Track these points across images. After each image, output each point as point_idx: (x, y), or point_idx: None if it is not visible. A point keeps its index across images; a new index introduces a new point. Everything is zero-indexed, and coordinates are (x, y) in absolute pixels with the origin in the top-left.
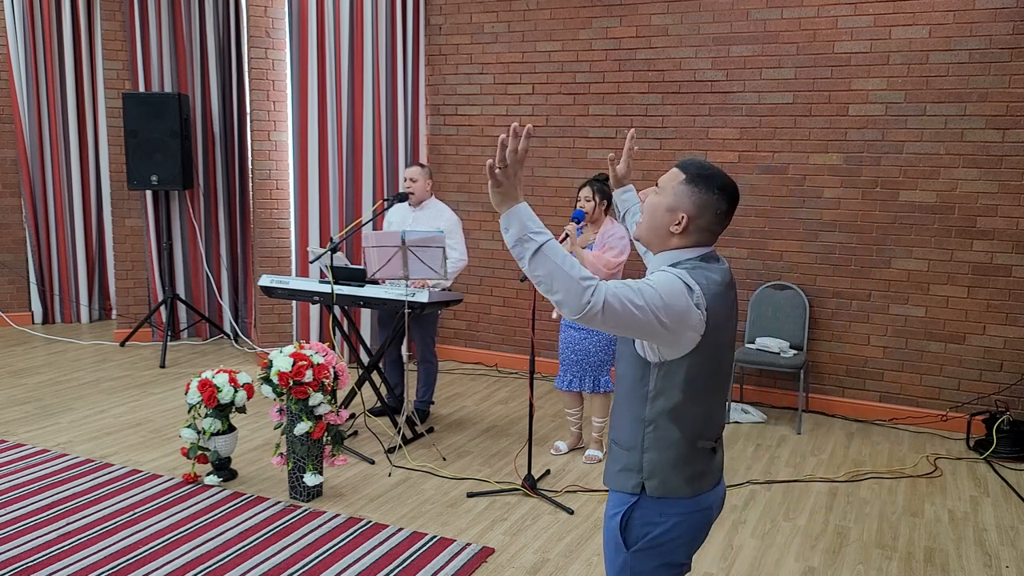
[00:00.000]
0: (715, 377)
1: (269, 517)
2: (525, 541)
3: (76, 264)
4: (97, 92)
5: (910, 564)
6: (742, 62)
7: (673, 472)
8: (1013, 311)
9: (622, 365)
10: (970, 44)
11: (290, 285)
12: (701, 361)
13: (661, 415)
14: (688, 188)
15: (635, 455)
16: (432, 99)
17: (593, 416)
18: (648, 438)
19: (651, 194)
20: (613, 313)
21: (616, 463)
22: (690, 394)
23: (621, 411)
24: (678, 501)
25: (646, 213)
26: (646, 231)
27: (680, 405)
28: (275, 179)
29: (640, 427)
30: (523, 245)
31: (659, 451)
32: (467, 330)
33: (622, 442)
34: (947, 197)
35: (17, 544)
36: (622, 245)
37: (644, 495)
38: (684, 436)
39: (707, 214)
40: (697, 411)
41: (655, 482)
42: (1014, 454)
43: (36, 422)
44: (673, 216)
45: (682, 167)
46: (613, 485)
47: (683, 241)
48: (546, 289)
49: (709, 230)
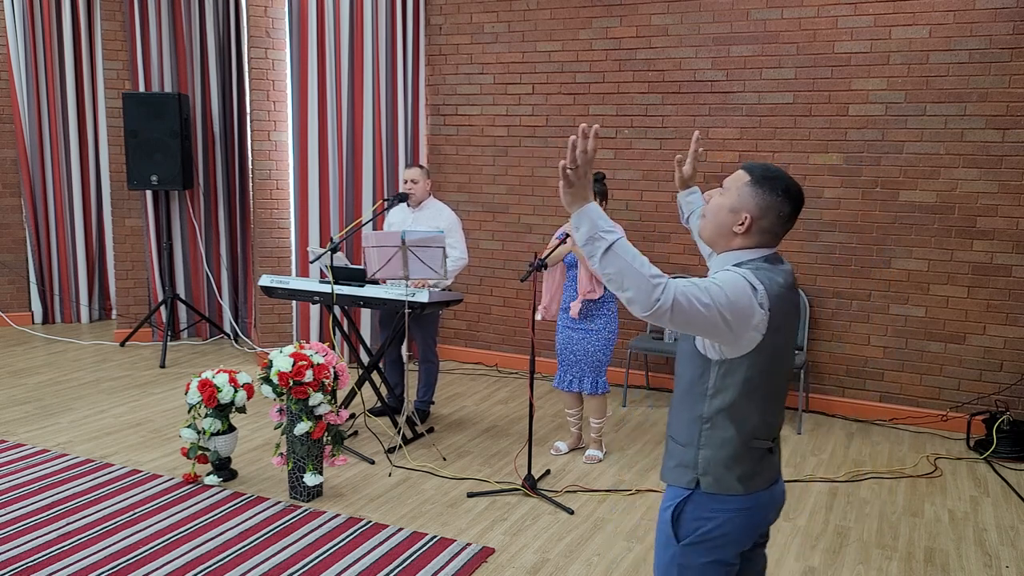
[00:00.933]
0: (773, 378)
1: (269, 517)
2: (525, 541)
3: (76, 264)
4: (97, 92)
5: (910, 564)
6: (742, 62)
7: (727, 469)
8: (1013, 311)
9: (681, 363)
10: (970, 44)
11: (290, 285)
12: (760, 361)
13: (718, 413)
14: (753, 189)
15: (691, 451)
16: (432, 99)
17: (591, 417)
18: (704, 435)
19: (716, 195)
20: (681, 311)
21: (672, 458)
22: (747, 393)
23: (679, 408)
24: (731, 498)
25: (710, 213)
26: (710, 231)
27: (737, 404)
28: (275, 179)
29: (697, 424)
30: (594, 243)
31: (714, 448)
32: (467, 330)
33: (679, 438)
34: (947, 197)
35: (17, 544)
36: None
37: (698, 490)
38: (739, 435)
39: (770, 215)
40: (753, 411)
41: (709, 479)
42: (1014, 454)
43: (36, 422)
44: (736, 216)
45: (747, 169)
46: (669, 480)
47: (746, 242)
48: (617, 287)
49: (772, 232)
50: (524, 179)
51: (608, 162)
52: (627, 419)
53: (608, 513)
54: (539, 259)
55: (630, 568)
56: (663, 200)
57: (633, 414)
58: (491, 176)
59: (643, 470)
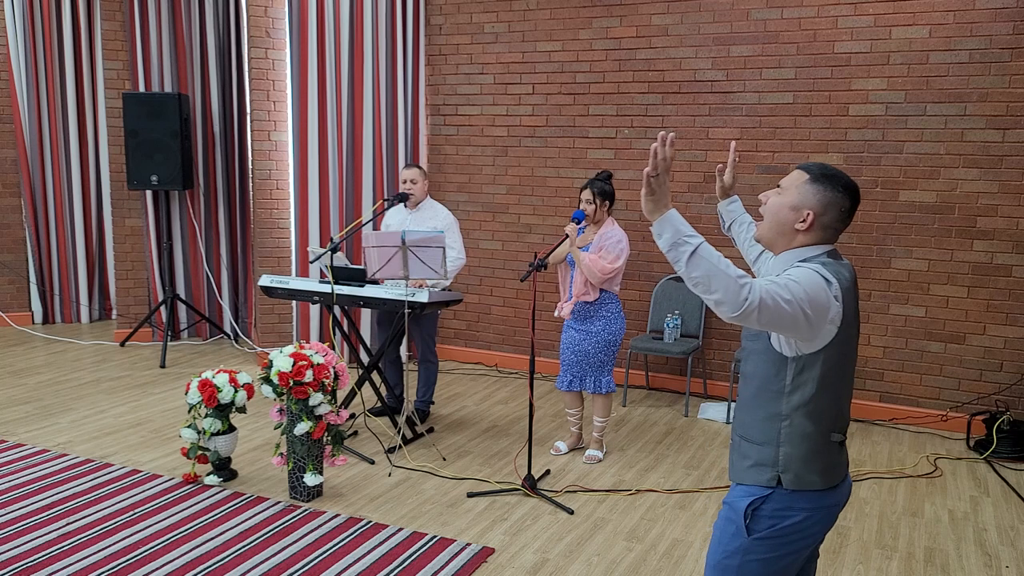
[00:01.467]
0: (846, 370)
1: (269, 517)
2: (525, 541)
3: (76, 264)
4: (97, 92)
5: (910, 564)
6: (742, 62)
7: (807, 465)
8: (1013, 311)
9: (752, 363)
10: (970, 44)
11: (290, 285)
12: (836, 354)
13: (797, 409)
14: (813, 186)
15: (769, 450)
16: (432, 99)
17: (595, 416)
18: (784, 432)
19: (773, 195)
20: (767, 309)
21: (746, 459)
22: (825, 387)
23: (752, 407)
24: (811, 494)
25: (769, 213)
26: (769, 231)
27: (815, 399)
28: (275, 179)
29: (775, 422)
30: (678, 249)
31: (794, 445)
32: (467, 330)
33: (753, 438)
34: (947, 197)
35: (17, 544)
36: (618, 250)
37: (779, 488)
38: (818, 429)
39: (832, 211)
40: (831, 404)
41: (790, 475)
42: (1014, 454)
43: (36, 422)
44: (798, 214)
45: (805, 168)
46: (745, 479)
47: (808, 239)
48: (704, 290)
49: (833, 227)
50: (524, 179)
51: (608, 162)
52: (627, 419)
53: (608, 513)
54: (539, 259)
55: (630, 568)
56: None
57: (633, 414)
58: (491, 176)
59: (643, 470)
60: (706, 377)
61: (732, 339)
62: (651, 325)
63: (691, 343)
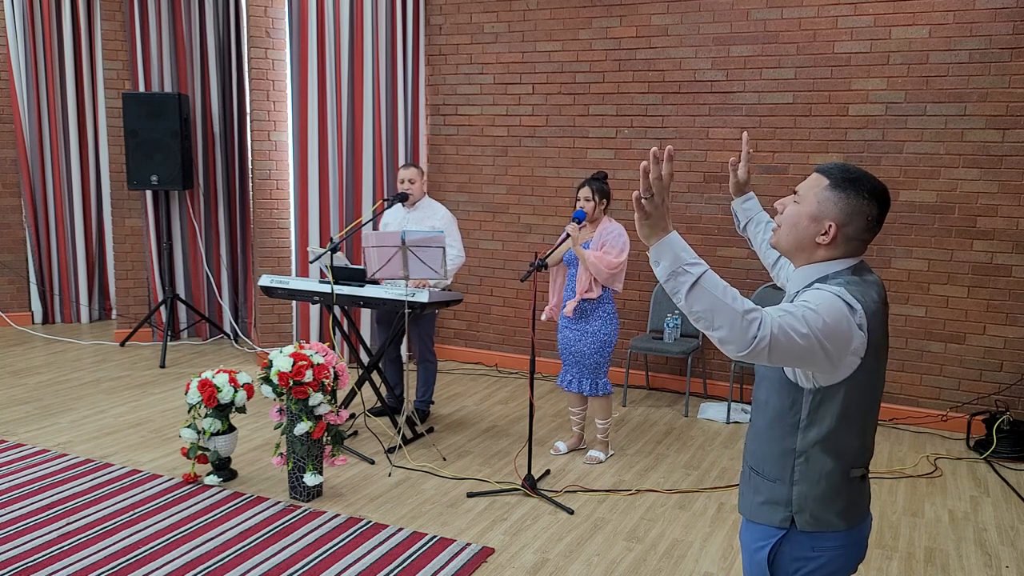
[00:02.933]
0: (872, 401)
1: (269, 517)
2: (525, 541)
3: (76, 264)
4: (97, 92)
5: (910, 564)
6: (742, 62)
7: (826, 506)
8: (1013, 311)
9: (765, 390)
10: (970, 44)
11: (290, 285)
12: (859, 385)
13: (814, 446)
14: (834, 194)
15: (782, 488)
16: (432, 99)
17: (596, 418)
18: (798, 470)
19: (789, 203)
20: (779, 347)
21: (758, 495)
22: (846, 422)
23: (765, 440)
24: (832, 535)
25: (786, 224)
26: (788, 243)
27: (834, 434)
28: (275, 179)
29: (789, 458)
30: (677, 279)
31: (810, 484)
32: (467, 330)
33: (766, 473)
34: (947, 197)
35: (17, 544)
36: (621, 243)
37: (793, 529)
38: (838, 467)
39: (856, 221)
40: (852, 439)
41: (806, 516)
42: (1014, 454)
43: (36, 422)
44: (819, 226)
45: (824, 172)
46: (756, 518)
47: (831, 252)
48: (707, 326)
49: (859, 239)
50: (524, 179)
51: (608, 162)
52: (627, 419)
53: (608, 513)
54: (539, 259)
55: (630, 568)
56: None
57: (633, 414)
58: (491, 176)
59: (643, 470)
60: (706, 377)
61: None
62: (651, 325)
63: (691, 343)
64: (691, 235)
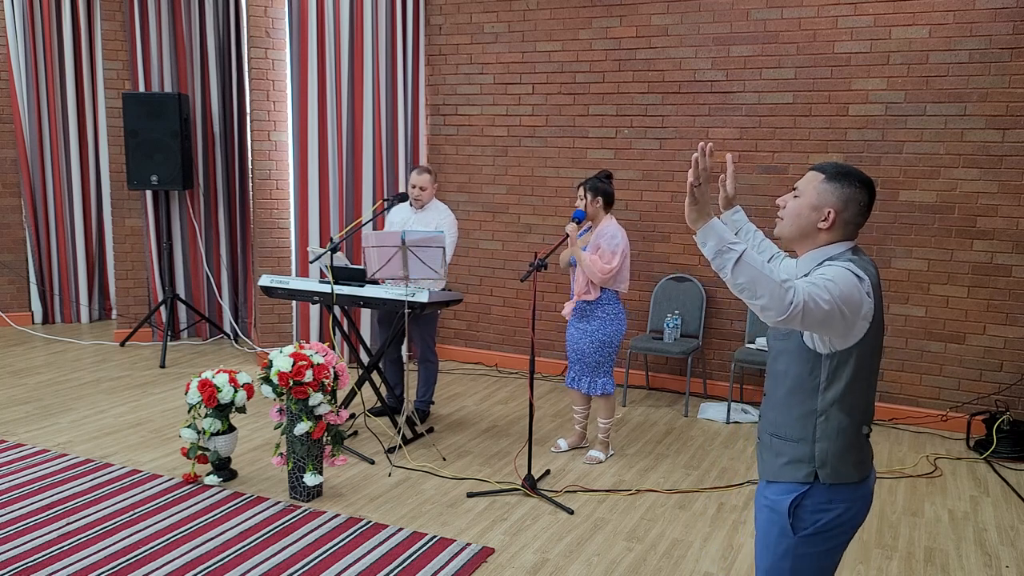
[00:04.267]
0: (876, 363)
1: (269, 517)
2: (525, 541)
3: (76, 264)
4: (97, 92)
5: (910, 564)
6: (742, 62)
7: (843, 459)
8: (1013, 311)
9: (783, 361)
10: (970, 44)
11: (290, 285)
12: (867, 348)
13: (832, 405)
14: (830, 185)
15: (805, 446)
16: (432, 99)
17: (599, 417)
18: (820, 428)
19: (790, 198)
20: (810, 312)
21: (781, 456)
22: (858, 381)
23: (785, 406)
24: (847, 487)
25: (790, 216)
26: (791, 232)
27: (849, 393)
28: (275, 179)
29: (811, 418)
30: (723, 256)
31: (830, 440)
32: (467, 330)
33: (788, 435)
34: (947, 197)
35: (17, 544)
36: (613, 246)
37: (816, 483)
38: (852, 423)
39: (852, 207)
40: (862, 397)
41: (827, 470)
42: (1014, 454)
43: (36, 422)
44: (819, 213)
45: (819, 168)
46: (780, 477)
47: (831, 236)
48: (750, 295)
49: (854, 223)
50: (524, 179)
51: (608, 162)
52: (627, 419)
53: (608, 513)
54: (539, 259)
55: (630, 568)
56: (663, 200)
57: (633, 414)
58: (491, 176)
59: (643, 470)
60: (706, 377)
61: (732, 339)
62: (651, 325)
63: (691, 343)
64: (691, 235)
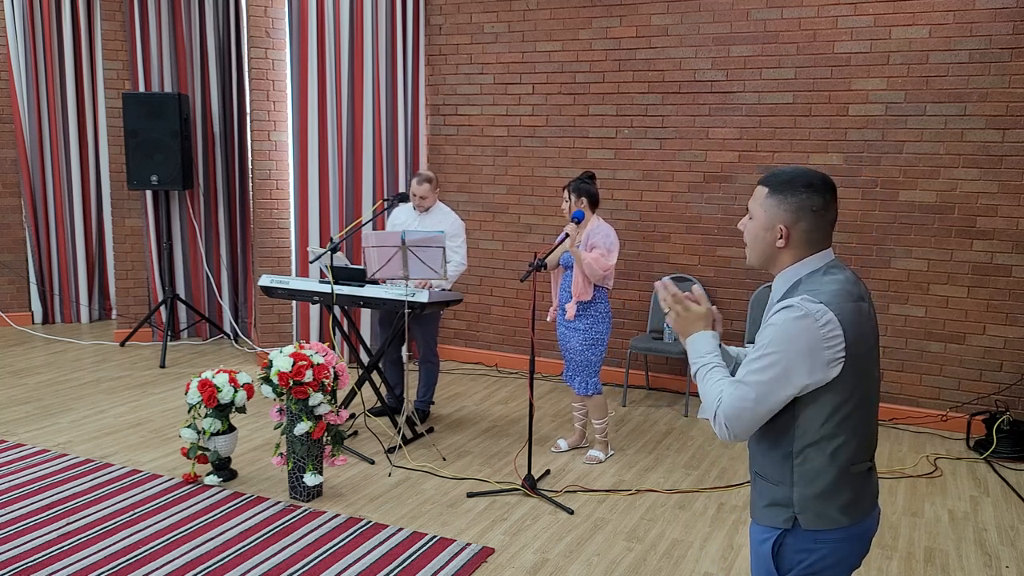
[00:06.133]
0: (864, 396)
1: (269, 517)
2: (525, 541)
3: (76, 264)
4: (97, 92)
5: (910, 564)
6: (742, 62)
7: (826, 503)
8: (1013, 311)
9: None
10: (970, 44)
11: (290, 285)
12: (848, 384)
13: (809, 447)
14: (774, 199)
15: (783, 490)
16: (432, 99)
17: (592, 418)
18: (796, 472)
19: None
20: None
21: (763, 497)
22: (839, 421)
23: (763, 444)
24: (832, 531)
25: (749, 242)
26: (756, 258)
27: (829, 434)
28: (275, 179)
29: (787, 461)
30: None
31: (809, 484)
32: (467, 330)
33: (768, 476)
34: (947, 197)
35: (17, 544)
36: (608, 243)
37: (797, 527)
38: (835, 464)
39: (804, 217)
40: (848, 436)
41: (808, 515)
42: (1014, 454)
43: (36, 422)
44: (772, 232)
45: (762, 183)
46: (762, 520)
47: (795, 254)
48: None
49: (816, 231)
50: (524, 179)
51: (608, 162)
52: (627, 419)
53: (608, 513)
54: (538, 259)
55: (630, 568)
56: (663, 200)
57: (633, 414)
58: (491, 176)
59: (643, 470)
60: None
61: (732, 339)
62: (651, 325)
63: None
64: (691, 235)
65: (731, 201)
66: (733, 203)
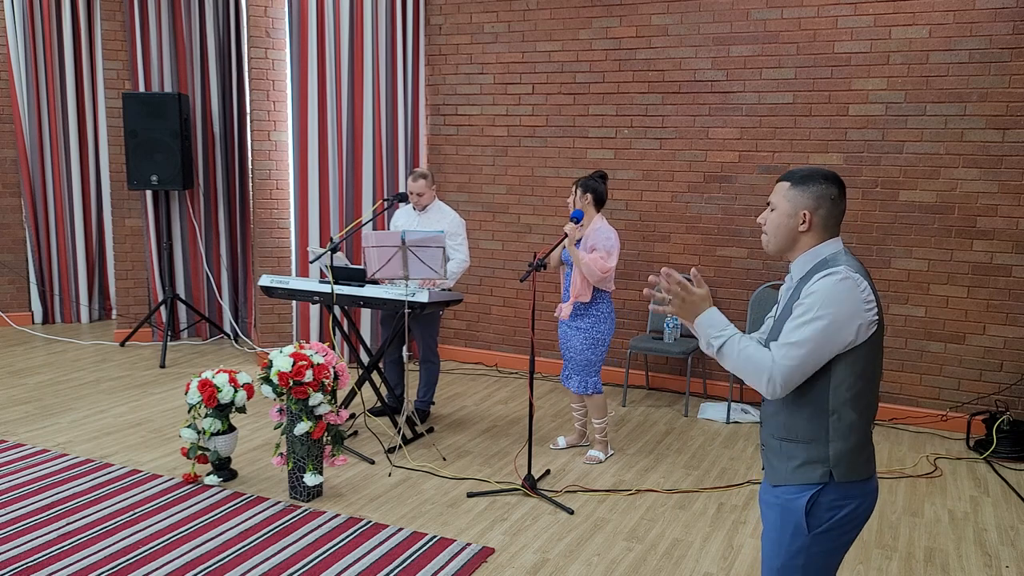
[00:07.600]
0: (880, 360)
1: (269, 517)
2: (525, 541)
3: (76, 264)
4: (97, 92)
5: (910, 564)
6: (742, 62)
7: (856, 456)
8: (1013, 311)
9: None
10: (970, 44)
11: (290, 285)
12: (875, 344)
13: (844, 404)
14: (797, 189)
15: (817, 447)
16: (432, 99)
17: (592, 418)
18: (833, 428)
19: (767, 215)
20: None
21: (794, 459)
22: (868, 378)
23: (796, 407)
24: (857, 484)
25: (771, 229)
26: (777, 244)
27: (860, 390)
28: (275, 179)
29: (823, 418)
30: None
31: (844, 439)
32: (467, 330)
33: (799, 437)
34: (947, 197)
35: (17, 544)
36: (609, 246)
37: (831, 482)
38: (862, 419)
39: (824, 204)
40: (871, 394)
41: (842, 468)
42: (1014, 454)
43: (36, 422)
44: (796, 219)
45: (784, 177)
46: (794, 480)
47: (815, 238)
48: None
49: (832, 217)
50: (524, 179)
51: (608, 162)
52: (627, 419)
53: (608, 513)
54: (538, 259)
55: (630, 568)
56: (663, 200)
57: (633, 414)
58: (491, 176)
59: (643, 470)
60: (706, 377)
61: None
62: (651, 325)
63: (691, 343)
64: (691, 235)
65: (731, 201)
66: (733, 203)
